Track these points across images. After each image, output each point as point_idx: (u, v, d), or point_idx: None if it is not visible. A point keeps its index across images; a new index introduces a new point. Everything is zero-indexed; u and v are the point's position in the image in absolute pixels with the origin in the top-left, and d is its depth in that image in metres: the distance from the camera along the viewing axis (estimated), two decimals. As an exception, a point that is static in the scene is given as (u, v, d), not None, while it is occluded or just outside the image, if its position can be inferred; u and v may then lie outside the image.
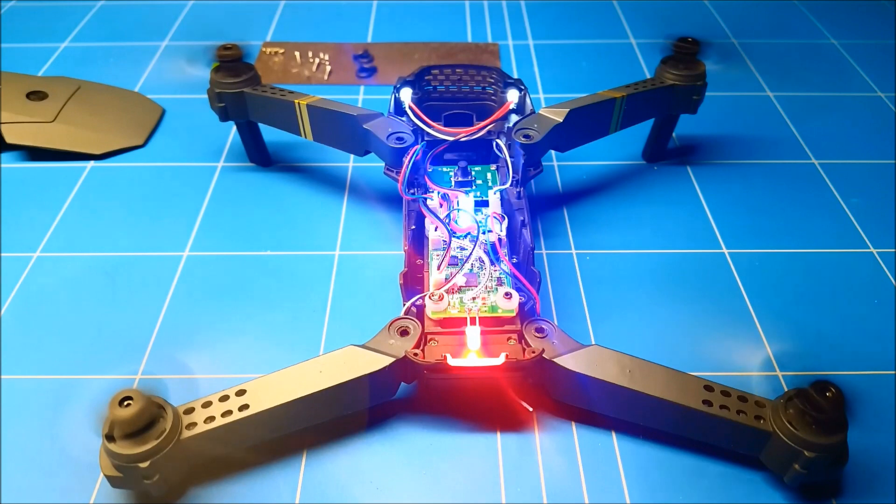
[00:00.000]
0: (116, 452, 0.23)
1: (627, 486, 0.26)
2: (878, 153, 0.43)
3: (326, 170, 0.42)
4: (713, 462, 0.27)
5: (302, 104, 0.36)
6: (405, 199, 0.32)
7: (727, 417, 0.25)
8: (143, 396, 0.23)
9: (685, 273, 0.35)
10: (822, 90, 0.41)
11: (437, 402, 0.29)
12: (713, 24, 0.57)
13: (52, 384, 0.30)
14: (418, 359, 0.26)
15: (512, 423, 0.28)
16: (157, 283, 0.34)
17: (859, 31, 0.56)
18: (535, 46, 0.54)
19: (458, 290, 0.29)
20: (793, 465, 0.24)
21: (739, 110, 0.47)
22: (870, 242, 0.37)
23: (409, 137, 0.33)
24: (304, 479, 0.27)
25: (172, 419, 0.24)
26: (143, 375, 0.30)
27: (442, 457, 0.27)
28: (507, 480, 0.26)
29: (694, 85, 0.38)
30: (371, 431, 0.28)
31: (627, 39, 0.55)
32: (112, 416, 0.23)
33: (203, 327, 0.27)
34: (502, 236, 0.31)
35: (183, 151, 0.43)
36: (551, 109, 0.35)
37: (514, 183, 0.32)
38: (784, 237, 0.37)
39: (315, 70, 0.51)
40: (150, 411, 0.23)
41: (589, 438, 0.28)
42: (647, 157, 0.43)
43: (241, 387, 0.26)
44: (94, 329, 0.32)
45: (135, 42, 0.53)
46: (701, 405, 0.25)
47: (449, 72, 0.39)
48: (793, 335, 0.32)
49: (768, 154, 0.43)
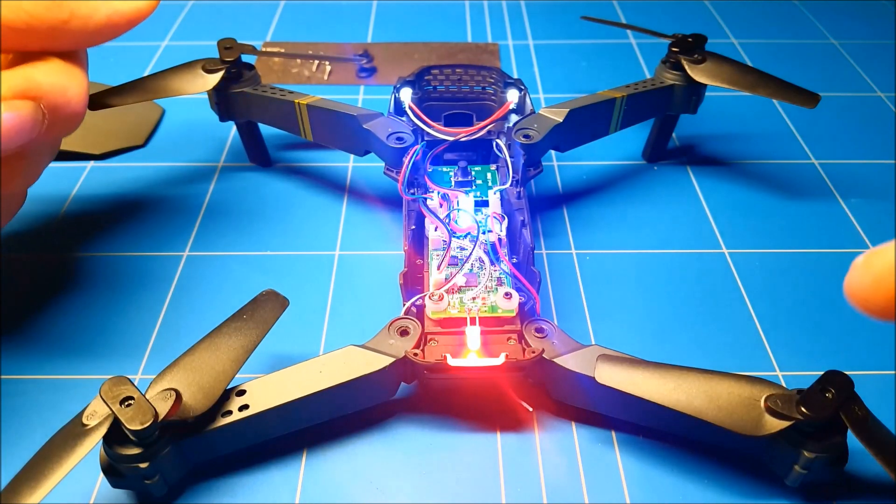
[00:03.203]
0: (117, 453, 0.23)
1: (627, 486, 0.26)
2: (878, 153, 0.43)
3: (326, 170, 0.42)
4: (713, 462, 0.27)
5: (302, 104, 0.36)
6: (405, 199, 0.32)
7: (727, 417, 0.25)
8: (143, 397, 0.23)
9: (685, 273, 0.35)
10: (822, 90, 0.41)
11: (437, 402, 0.29)
12: (713, 24, 0.57)
13: (53, 384, 0.30)
14: (418, 359, 0.26)
15: (512, 423, 0.28)
16: (157, 283, 0.34)
17: (859, 31, 0.56)
18: (535, 46, 0.54)
19: (458, 290, 0.29)
20: (793, 465, 0.24)
21: (739, 110, 0.47)
22: (870, 242, 0.37)
23: (409, 137, 0.33)
24: (304, 479, 0.27)
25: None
26: (142, 375, 0.30)
27: (442, 457, 0.27)
28: (507, 480, 0.26)
29: (694, 85, 0.38)
30: (371, 431, 0.28)
31: (627, 39, 0.55)
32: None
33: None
34: (502, 236, 0.31)
35: (183, 151, 0.43)
36: (551, 109, 0.35)
37: (514, 183, 0.32)
38: (784, 237, 0.37)
39: (315, 70, 0.51)
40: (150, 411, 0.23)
41: (589, 438, 0.28)
42: (647, 157, 0.43)
43: (241, 387, 0.26)
44: (94, 329, 0.32)
45: (135, 42, 0.53)
46: (701, 405, 0.25)
47: (449, 72, 0.39)
48: (793, 335, 0.32)
49: (768, 154, 0.43)
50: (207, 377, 0.24)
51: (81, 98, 0.27)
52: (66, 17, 0.26)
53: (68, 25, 0.26)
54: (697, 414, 0.24)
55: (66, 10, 0.26)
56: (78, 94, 0.27)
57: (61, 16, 0.26)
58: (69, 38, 0.27)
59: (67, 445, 0.22)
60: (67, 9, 0.26)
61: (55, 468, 0.21)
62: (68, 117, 0.27)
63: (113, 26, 0.28)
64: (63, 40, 0.27)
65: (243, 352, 0.25)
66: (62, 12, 0.26)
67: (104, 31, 0.27)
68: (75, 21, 0.26)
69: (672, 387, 0.25)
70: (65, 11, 0.26)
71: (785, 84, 0.37)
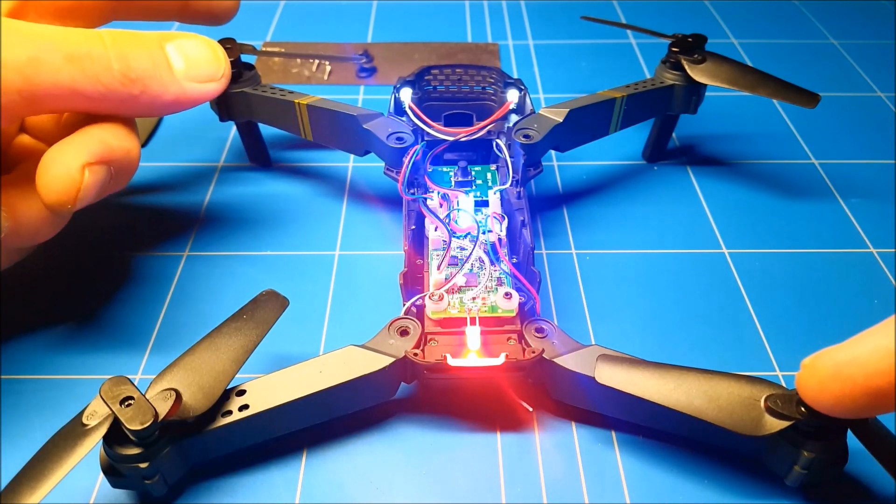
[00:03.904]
0: (117, 453, 0.23)
1: (627, 486, 0.26)
2: (878, 153, 0.43)
3: (326, 170, 0.42)
4: (713, 462, 0.27)
5: (302, 104, 0.36)
6: (405, 199, 0.32)
7: (727, 417, 0.25)
8: (143, 397, 0.23)
9: (685, 273, 0.35)
10: (822, 90, 0.41)
11: (437, 402, 0.29)
12: (713, 24, 0.57)
13: (53, 384, 0.30)
14: (418, 359, 0.26)
15: (512, 423, 0.28)
16: (157, 283, 0.34)
17: (859, 31, 0.56)
18: (535, 46, 0.54)
19: (458, 290, 0.29)
20: (793, 465, 0.24)
21: (739, 110, 0.47)
22: (870, 242, 0.37)
23: (409, 137, 0.33)
24: (304, 478, 0.27)
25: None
26: (143, 375, 0.30)
27: (442, 457, 0.27)
28: (507, 480, 0.26)
29: (694, 85, 0.38)
30: (371, 431, 0.28)
31: (627, 39, 0.55)
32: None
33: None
34: (502, 236, 0.31)
35: (183, 151, 0.43)
36: (551, 109, 0.35)
37: (514, 183, 0.32)
38: (784, 237, 0.37)
39: (315, 70, 0.51)
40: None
41: (589, 438, 0.28)
42: (647, 157, 0.43)
43: (241, 387, 0.26)
44: (94, 329, 0.32)
45: (135, 42, 0.53)
46: (701, 405, 0.25)
47: (449, 72, 0.39)
48: (793, 335, 0.32)
49: (768, 154, 0.43)
50: (207, 377, 0.24)
51: (138, 158, 0.29)
52: (138, 92, 0.28)
53: (138, 100, 0.28)
54: (697, 414, 0.24)
55: (139, 86, 0.28)
56: (137, 154, 0.29)
57: (133, 91, 0.28)
58: (135, 110, 0.29)
59: (67, 445, 0.22)
60: (140, 86, 0.28)
61: (55, 468, 0.21)
62: (128, 176, 0.29)
63: (180, 105, 0.30)
64: (130, 111, 0.29)
65: (243, 352, 0.26)
66: (135, 88, 0.28)
67: (169, 109, 0.30)
68: (145, 97, 0.28)
69: (672, 387, 0.25)
70: (137, 87, 0.28)
71: (785, 84, 0.37)
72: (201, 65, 0.30)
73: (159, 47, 0.29)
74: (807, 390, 0.22)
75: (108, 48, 0.27)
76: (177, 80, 0.29)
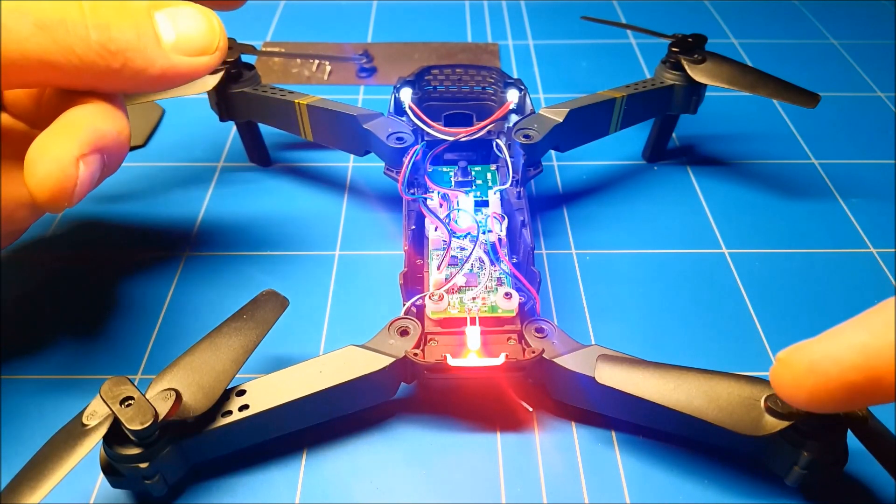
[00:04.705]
0: (117, 453, 0.23)
1: (627, 486, 0.26)
2: (878, 153, 0.43)
3: (326, 170, 0.42)
4: (713, 462, 0.27)
5: (302, 104, 0.36)
6: (405, 199, 0.32)
7: (727, 417, 0.25)
8: (143, 397, 0.23)
9: (685, 273, 0.35)
10: (822, 90, 0.41)
11: (437, 402, 0.29)
12: (713, 24, 0.57)
13: (53, 384, 0.30)
14: (418, 359, 0.26)
15: (512, 423, 0.28)
16: (157, 283, 0.34)
17: (859, 31, 0.56)
18: (535, 46, 0.54)
19: (458, 290, 0.29)
20: (793, 465, 0.24)
21: (739, 110, 0.47)
22: (870, 242, 0.37)
23: (409, 137, 0.33)
24: (304, 478, 0.27)
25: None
26: (143, 375, 0.30)
27: (442, 457, 0.27)
28: (507, 480, 0.26)
29: (694, 85, 0.38)
30: (371, 431, 0.28)
31: (627, 39, 0.55)
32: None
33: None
34: (502, 236, 0.31)
35: (183, 151, 0.43)
36: (551, 109, 0.35)
37: (514, 183, 0.32)
38: (784, 237, 0.37)
39: (315, 70, 0.51)
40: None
41: (589, 438, 0.28)
42: (647, 157, 0.43)
43: (241, 387, 0.26)
44: (94, 329, 0.32)
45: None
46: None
47: (449, 72, 0.39)
48: (793, 335, 0.32)
49: (768, 154, 0.43)
50: (207, 377, 0.24)
51: (129, 138, 0.27)
52: (118, 66, 0.25)
53: (119, 75, 0.25)
54: (697, 414, 0.24)
55: (120, 59, 0.25)
56: (128, 134, 0.26)
57: (113, 64, 0.25)
58: (117, 86, 0.26)
59: (67, 445, 0.22)
60: (122, 58, 0.25)
61: (55, 468, 0.21)
62: (121, 158, 0.26)
63: (168, 81, 0.27)
64: (111, 87, 0.26)
65: (243, 352, 0.26)
66: (115, 61, 0.25)
67: (156, 85, 0.27)
68: (127, 71, 0.25)
69: (672, 387, 0.25)
70: (118, 60, 0.25)
71: (785, 84, 0.37)
72: (194, 36, 0.27)
73: (147, 16, 0.26)
74: (781, 385, 0.21)
75: (86, 16, 0.24)
76: (164, 52, 0.26)
